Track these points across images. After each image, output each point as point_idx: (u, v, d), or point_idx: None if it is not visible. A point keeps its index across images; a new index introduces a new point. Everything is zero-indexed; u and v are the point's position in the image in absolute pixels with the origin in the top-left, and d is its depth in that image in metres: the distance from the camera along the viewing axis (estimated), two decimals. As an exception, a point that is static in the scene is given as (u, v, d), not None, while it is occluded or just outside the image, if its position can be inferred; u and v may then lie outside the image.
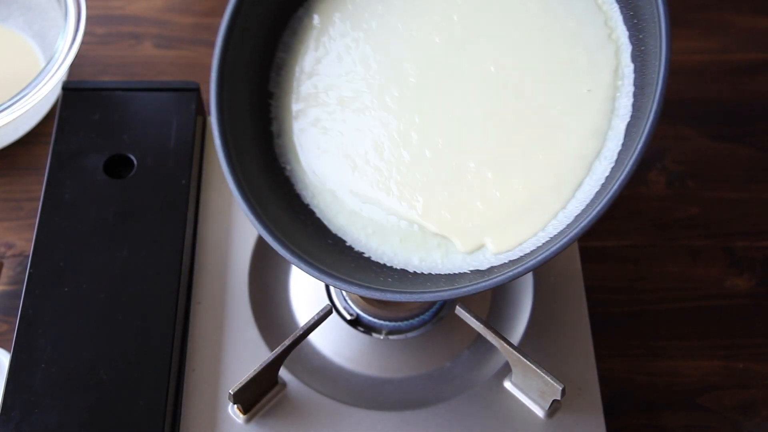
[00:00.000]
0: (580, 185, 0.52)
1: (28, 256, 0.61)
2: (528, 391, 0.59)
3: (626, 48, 0.53)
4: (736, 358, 0.67)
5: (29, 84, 0.68)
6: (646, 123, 0.47)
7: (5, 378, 0.57)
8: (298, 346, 0.58)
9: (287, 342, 0.57)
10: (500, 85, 0.54)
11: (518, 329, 0.62)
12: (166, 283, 0.60)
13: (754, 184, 0.75)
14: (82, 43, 0.72)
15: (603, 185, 0.51)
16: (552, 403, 0.58)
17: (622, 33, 0.53)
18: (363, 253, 0.55)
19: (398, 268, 0.55)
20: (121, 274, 0.60)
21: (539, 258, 0.47)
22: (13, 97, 0.68)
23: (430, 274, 0.54)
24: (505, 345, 0.57)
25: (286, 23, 0.60)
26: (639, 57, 0.52)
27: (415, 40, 0.57)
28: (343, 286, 0.51)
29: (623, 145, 0.51)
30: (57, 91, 0.74)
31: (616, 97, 0.52)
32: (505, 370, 0.60)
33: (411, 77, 0.56)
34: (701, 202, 0.74)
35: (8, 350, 0.61)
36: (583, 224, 0.47)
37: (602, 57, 0.53)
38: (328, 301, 0.63)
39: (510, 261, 0.52)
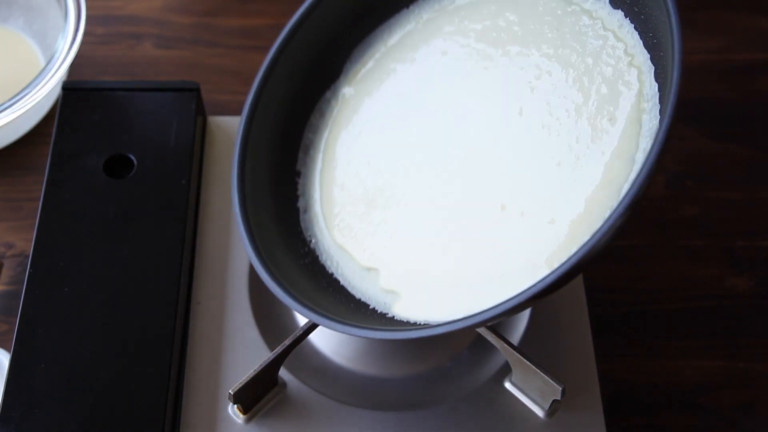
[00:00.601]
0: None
1: (28, 256, 0.61)
2: (528, 391, 0.59)
3: (649, 69, 0.52)
4: (736, 358, 0.67)
5: (29, 84, 0.68)
6: (652, 152, 0.47)
7: (5, 378, 0.57)
8: (298, 346, 0.58)
9: (287, 342, 0.57)
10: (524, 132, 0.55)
11: (518, 329, 0.62)
12: (166, 283, 0.60)
13: (754, 184, 0.75)
14: (82, 43, 0.72)
15: None
16: (552, 403, 0.58)
17: (643, 57, 0.53)
18: (386, 313, 0.56)
19: (421, 321, 0.55)
20: (121, 274, 0.60)
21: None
22: (13, 97, 0.68)
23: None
24: (505, 345, 0.57)
25: (315, 103, 0.64)
26: (662, 75, 0.51)
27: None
28: (381, 335, 0.52)
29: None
30: (57, 91, 0.74)
31: (642, 119, 0.52)
32: (505, 370, 0.60)
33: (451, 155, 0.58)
34: (701, 202, 0.74)
35: (8, 350, 0.61)
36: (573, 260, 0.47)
37: (623, 86, 0.53)
38: (328, 301, 0.63)
39: None
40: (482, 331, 0.57)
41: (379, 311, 0.56)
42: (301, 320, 0.63)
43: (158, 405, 0.56)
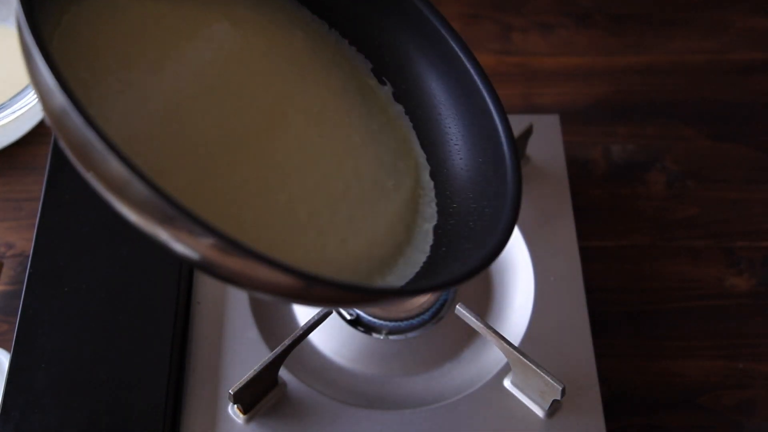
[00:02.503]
0: (396, 266, 0.52)
1: (28, 256, 0.61)
2: (528, 391, 0.59)
3: (425, 167, 0.55)
4: (736, 358, 0.67)
5: (29, 84, 0.68)
6: (492, 239, 0.48)
7: (5, 378, 0.57)
8: (298, 346, 0.58)
9: (287, 342, 0.57)
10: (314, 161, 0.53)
11: (518, 329, 0.62)
12: (166, 283, 0.60)
13: (754, 184, 0.75)
14: (82, 43, 0.72)
15: (418, 273, 0.51)
16: (552, 403, 0.58)
17: (419, 154, 0.55)
18: None
19: None
20: (121, 274, 0.60)
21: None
22: (13, 97, 0.68)
23: None
24: (505, 345, 0.57)
25: None
26: (440, 179, 0.54)
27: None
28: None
29: (435, 241, 0.53)
30: (57, 91, 0.74)
31: (419, 202, 0.54)
32: (505, 370, 0.60)
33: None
34: (701, 202, 0.74)
35: (8, 350, 0.61)
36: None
37: (404, 165, 0.55)
38: (328, 301, 0.63)
39: None
40: (482, 330, 0.57)
41: None
42: (301, 320, 0.63)
43: (158, 405, 0.56)
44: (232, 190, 0.48)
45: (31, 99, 0.68)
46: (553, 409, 0.58)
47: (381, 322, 0.62)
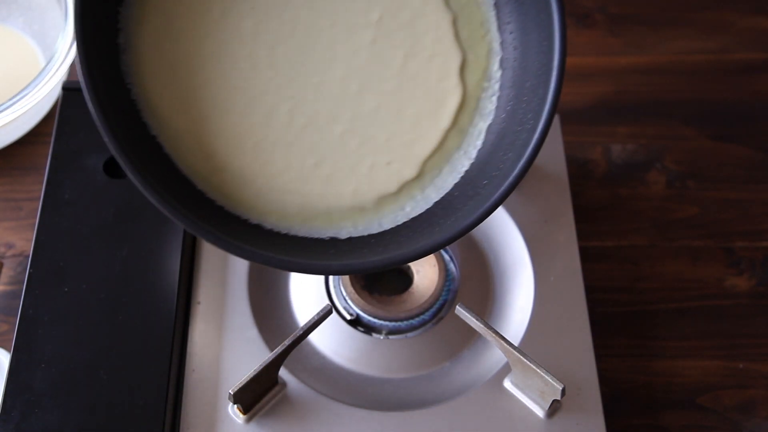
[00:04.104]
0: (439, 172, 0.54)
1: (28, 256, 0.61)
2: (528, 391, 0.59)
3: (497, 53, 0.55)
4: (736, 358, 0.67)
5: (29, 84, 0.68)
6: (530, 140, 0.50)
7: (5, 378, 0.57)
8: (298, 346, 0.58)
9: (287, 342, 0.57)
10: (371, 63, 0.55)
11: (518, 329, 0.62)
12: (166, 283, 0.60)
13: (754, 184, 0.75)
14: (82, 43, 0.71)
15: (462, 178, 0.54)
16: (552, 403, 0.58)
17: (495, 37, 0.55)
18: (215, 201, 0.53)
19: (253, 222, 0.53)
20: (121, 274, 0.60)
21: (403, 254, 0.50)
22: (13, 97, 0.68)
23: (287, 234, 0.53)
24: (505, 345, 0.57)
25: None
26: (510, 66, 0.54)
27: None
28: (191, 228, 0.48)
29: (484, 144, 0.54)
30: (57, 91, 0.74)
31: (481, 97, 0.55)
32: (505, 370, 0.60)
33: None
34: (701, 202, 0.74)
35: (8, 350, 0.61)
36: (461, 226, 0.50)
37: (474, 57, 0.55)
38: (328, 301, 0.63)
39: (369, 234, 0.54)
40: (482, 330, 0.57)
41: (207, 195, 0.52)
42: (301, 320, 0.63)
43: (158, 405, 0.56)
44: (294, 131, 0.53)
45: (31, 99, 0.68)
46: (553, 409, 0.58)
47: (381, 322, 0.62)
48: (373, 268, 0.50)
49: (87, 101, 0.48)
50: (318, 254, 0.52)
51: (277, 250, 0.50)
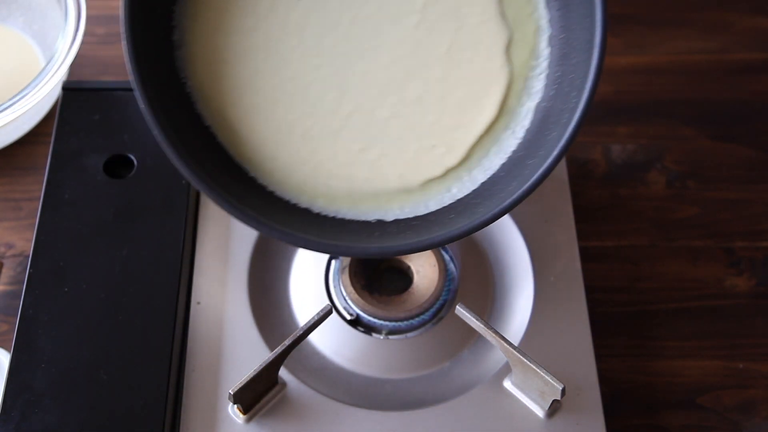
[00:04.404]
0: (487, 153, 0.55)
1: (28, 256, 0.61)
2: (528, 391, 0.59)
3: (545, 31, 0.55)
4: (736, 358, 0.67)
5: (29, 84, 0.68)
6: (573, 117, 0.50)
7: (5, 378, 0.57)
8: (298, 346, 0.58)
9: (287, 342, 0.57)
10: (417, 46, 0.55)
11: (518, 329, 0.62)
12: (166, 283, 0.60)
13: (754, 184, 0.75)
14: (82, 43, 0.72)
15: (509, 158, 0.54)
16: (552, 403, 0.58)
17: (543, 15, 0.55)
18: (265, 186, 0.54)
19: (302, 206, 0.54)
20: (121, 274, 0.60)
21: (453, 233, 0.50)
22: (13, 97, 0.68)
23: (334, 217, 0.54)
24: (505, 345, 0.57)
25: None
26: (558, 44, 0.54)
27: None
28: (241, 218, 0.50)
29: (532, 124, 0.54)
30: (57, 91, 0.74)
31: (529, 76, 0.55)
32: (505, 370, 0.60)
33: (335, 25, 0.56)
34: (701, 202, 0.74)
35: (8, 350, 0.61)
36: (506, 203, 0.50)
37: (521, 35, 0.55)
38: (328, 301, 0.63)
39: (416, 216, 0.54)
40: (482, 330, 0.57)
41: (258, 181, 0.54)
42: (301, 320, 0.63)
43: (158, 405, 0.56)
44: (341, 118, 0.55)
45: (31, 99, 0.68)
46: (553, 409, 0.58)
47: (381, 322, 0.62)
48: (411, 250, 0.51)
49: (139, 101, 0.50)
50: (363, 237, 0.53)
51: (324, 235, 0.52)
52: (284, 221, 0.52)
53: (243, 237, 0.65)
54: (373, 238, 0.53)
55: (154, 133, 0.50)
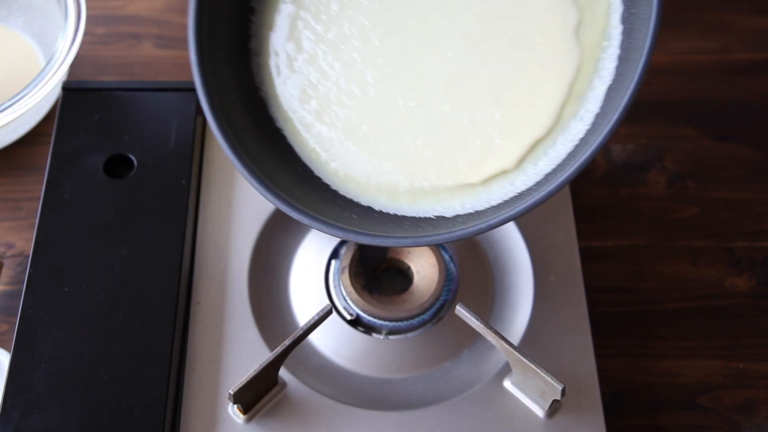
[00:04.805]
0: (554, 143, 0.52)
1: (28, 256, 0.61)
2: (528, 391, 0.59)
3: (617, 8, 0.52)
4: (736, 358, 0.67)
5: (29, 84, 0.68)
6: (629, 88, 0.48)
7: (5, 378, 0.57)
8: (298, 346, 0.58)
9: (287, 342, 0.57)
10: (479, 34, 0.55)
11: (518, 329, 0.62)
12: (166, 283, 0.60)
13: (754, 184, 0.75)
14: (82, 43, 0.72)
15: (576, 146, 0.51)
16: (552, 403, 0.58)
17: None
18: (329, 185, 0.55)
19: (364, 204, 0.55)
20: (121, 274, 0.60)
21: (518, 209, 0.47)
22: (13, 97, 0.68)
23: (395, 215, 0.54)
24: (505, 345, 0.57)
25: None
26: (628, 19, 0.51)
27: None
28: (308, 221, 0.51)
29: (602, 108, 0.51)
30: (57, 91, 0.74)
31: (600, 58, 0.52)
32: (505, 370, 0.60)
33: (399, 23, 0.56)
34: (701, 202, 0.74)
35: (8, 350, 0.61)
36: (555, 183, 0.47)
37: (591, 15, 0.53)
38: (328, 301, 0.63)
39: (476, 212, 0.52)
40: (482, 330, 0.57)
41: (323, 180, 0.55)
42: (301, 320, 0.63)
43: (158, 405, 0.56)
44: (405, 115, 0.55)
45: (31, 99, 0.68)
46: (553, 409, 0.58)
47: (381, 322, 0.62)
48: (455, 239, 0.50)
49: (210, 122, 0.52)
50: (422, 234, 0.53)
51: (385, 231, 0.52)
52: (348, 220, 0.52)
53: (243, 237, 0.65)
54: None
55: (219, 141, 0.52)
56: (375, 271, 0.64)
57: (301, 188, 0.54)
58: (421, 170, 0.54)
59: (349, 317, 0.62)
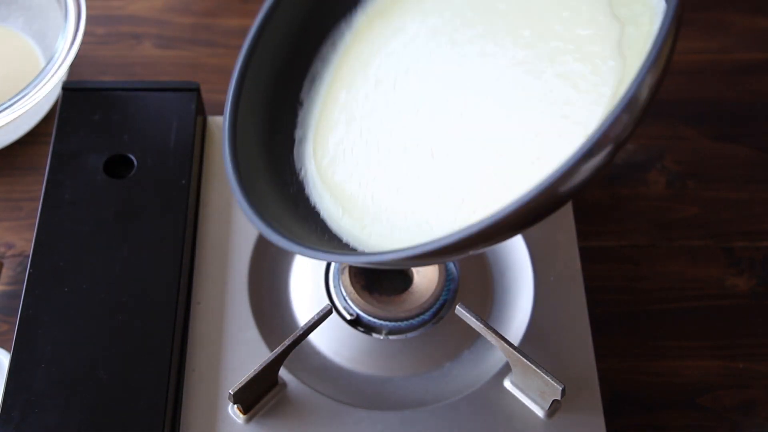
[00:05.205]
0: None
1: (28, 256, 0.61)
2: (528, 391, 0.59)
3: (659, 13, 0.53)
4: (736, 358, 0.67)
5: (29, 84, 0.68)
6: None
7: (5, 378, 0.57)
8: (298, 346, 0.58)
9: (287, 342, 0.57)
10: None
11: (518, 329, 0.62)
12: (166, 283, 0.60)
13: (754, 184, 0.75)
14: (82, 43, 0.72)
15: None
16: (552, 403, 0.58)
17: None
18: (357, 247, 0.55)
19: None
20: (121, 274, 0.60)
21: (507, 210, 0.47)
22: (13, 97, 0.68)
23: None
24: (505, 345, 0.57)
25: (325, 34, 0.61)
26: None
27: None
28: (345, 259, 0.51)
29: None
30: (57, 91, 0.74)
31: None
32: (505, 370, 0.60)
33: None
34: (701, 202, 0.74)
35: (8, 350, 0.61)
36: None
37: (633, 27, 0.54)
38: (328, 301, 0.63)
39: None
40: (482, 330, 0.57)
41: (351, 245, 0.55)
42: (301, 320, 0.63)
43: (158, 405, 0.56)
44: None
45: (31, 99, 0.68)
46: (553, 409, 0.58)
47: (381, 322, 0.62)
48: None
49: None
50: None
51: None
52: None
53: (243, 237, 0.65)
54: None
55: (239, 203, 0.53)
56: (375, 271, 0.64)
57: (317, 237, 0.55)
58: (444, 221, 0.53)
59: (349, 317, 0.62)
